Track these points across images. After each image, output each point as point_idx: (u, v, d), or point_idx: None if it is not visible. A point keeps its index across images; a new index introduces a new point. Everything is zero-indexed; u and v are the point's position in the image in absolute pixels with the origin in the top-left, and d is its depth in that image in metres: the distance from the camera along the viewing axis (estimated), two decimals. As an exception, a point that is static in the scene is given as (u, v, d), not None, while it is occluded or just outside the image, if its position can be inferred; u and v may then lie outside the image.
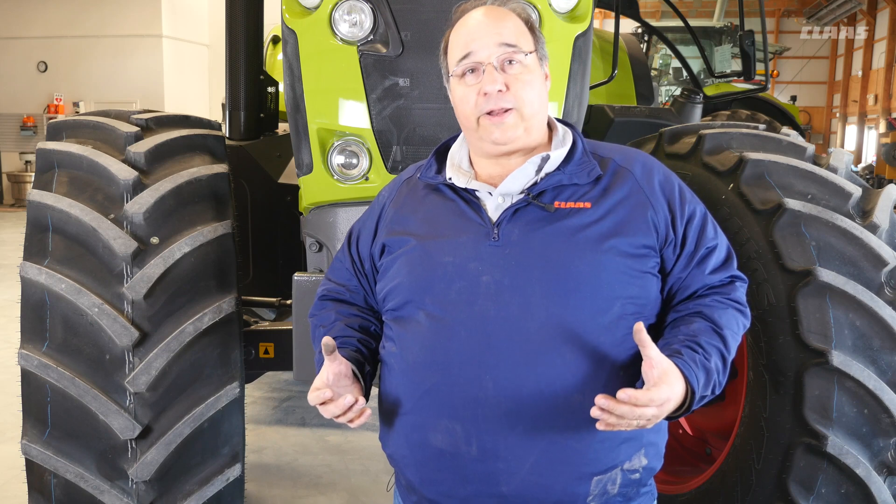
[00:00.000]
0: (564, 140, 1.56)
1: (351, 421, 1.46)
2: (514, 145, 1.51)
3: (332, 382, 1.45)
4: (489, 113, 1.48)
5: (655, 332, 1.52)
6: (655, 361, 1.34)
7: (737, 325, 1.51)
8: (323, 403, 1.43)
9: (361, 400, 1.46)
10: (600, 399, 1.30)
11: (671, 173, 1.58)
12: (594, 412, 1.32)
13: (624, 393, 1.29)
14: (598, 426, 1.34)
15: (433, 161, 1.62)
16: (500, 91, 1.46)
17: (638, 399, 1.30)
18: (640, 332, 1.33)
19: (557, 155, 1.53)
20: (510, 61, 1.48)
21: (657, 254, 1.49)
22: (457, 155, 1.61)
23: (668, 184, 1.54)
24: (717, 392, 1.46)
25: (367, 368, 1.59)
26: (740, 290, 1.56)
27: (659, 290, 1.52)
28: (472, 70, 1.49)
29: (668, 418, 1.41)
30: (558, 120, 1.62)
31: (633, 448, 1.47)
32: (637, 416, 1.31)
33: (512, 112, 1.47)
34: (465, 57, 1.49)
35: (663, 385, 1.33)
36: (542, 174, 1.50)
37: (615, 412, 1.30)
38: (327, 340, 1.45)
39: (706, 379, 1.41)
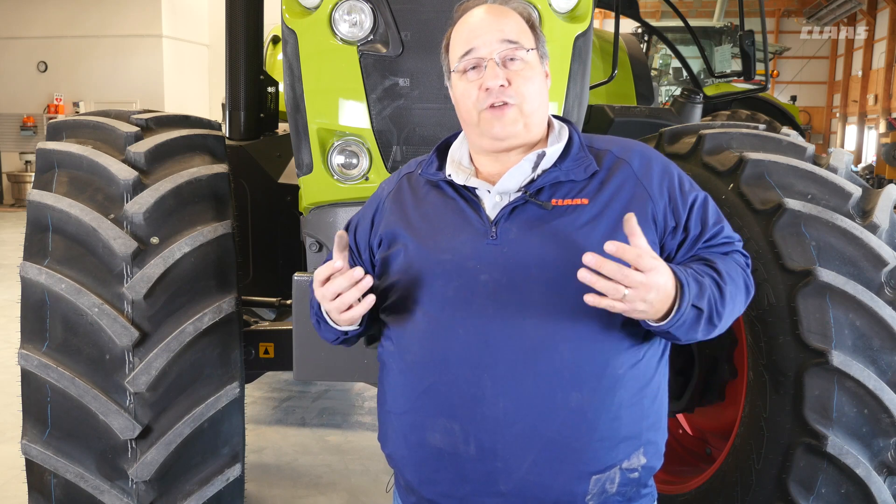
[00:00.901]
0: (560, 136, 1.56)
1: (350, 308, 1.44)
2: (513, 141, 1.51)
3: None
4: (490, 107, 1.48)
5: (655, 336, 1.52)
6: (644, 249, 1.30)
7: (734, 272, 1.47)
8: (327, 280, 1.42)
9: (368, 278, 1.43)
10: (588, 256, 1.26)
11: (670, 163, 1.57)
12: (581, 275, 1.28)
13: (612, 244, 1.26)
14: (587, 299, 1.30)
15: (434, 158, 1.63)
16: (501, 86, 1.46)
17: (626, 251, 1.26)
18: (630, 220, 1.31)
19: (553, 151, 1.52)
20: (512, 58, 1.48)
21: (657, 246, 1.49)
22: (457, 152, 1.61)
23: (667, 174, 1.53)
24: (717, 325, 1.41)
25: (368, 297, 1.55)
26: (740, 258, 1.54)
27: None
28: (474, 66, 1.50)
29: (658, 326, 1.35)
30: (555, 116, 1.62)
31: (631, 447, 1.47)
32: (625, 277, 1.26)
33: (513, 107, 1.48)
34: (467, 53, 1.50)
35: (651, 258, 1.29)
36: (539, 171, 1.50)
37: (603, 270, 1.26)
38: (341, 232, 1.44)
39: (698, 290, 1.37)
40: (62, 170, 2.49)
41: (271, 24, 3.95)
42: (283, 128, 3.98)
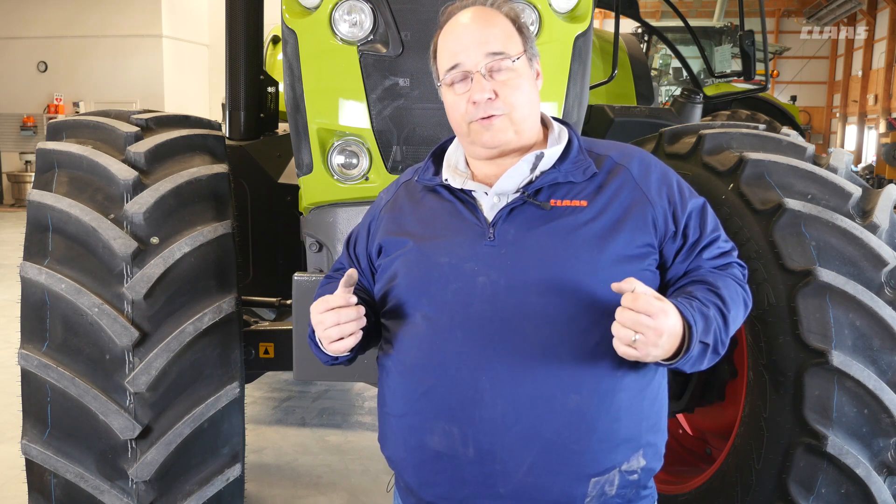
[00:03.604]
0: (560, 138, 1.56)
1: (342, 339, 1.45)
2: (505, 147, 1.51)
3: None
4: (479, 119, 1.48)
5: None
6: (648, 293, 1.31)
7: (736, 294, 1.48)
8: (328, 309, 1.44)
9: (362, 320, 1.46)
10: (614, 284, 1.31)
11: (669, 169, 1.57)
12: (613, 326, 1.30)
13: (617, 285, 1.30)
14: (616, 348, 1.32)
15: (430, 163, 1.63)
16: (489, 99, 1.46)
17: (636, 288, 1.28)
18: (629, 281, 1.32)
19: (552, 153, 1.52)
20: (498, 68, 1.48)
21: (656, 251, 1.49)
22: (453, 156, 1.61)
23: (666, 180, 1.53)
24: (721, 353, 1.43)
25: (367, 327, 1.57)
26: (737, 270, 1.55)
27: (657, 287, 1.51)
28: (462, 79, 1.49)
29: (665, 363, 1.37)
30: (555, 119, 1.62)
31: (631, 449, 1.47)
32: (635, 323, 1.28)
33: (501, 117, 1.47)
34: (453, 67, 1.49)
35: (657, 300, 1.30)
36: (537, 172, 1.50)
37: (622, 315, 1.29)
38: (352, 272, 1.45)
39: (704, 324, 1.37)
40: (62, 170, 2.49)
41: (271, 24, 3.95)
42: (283, 128, 3.98)
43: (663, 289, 1.53)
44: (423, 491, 1.53)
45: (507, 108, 1.47)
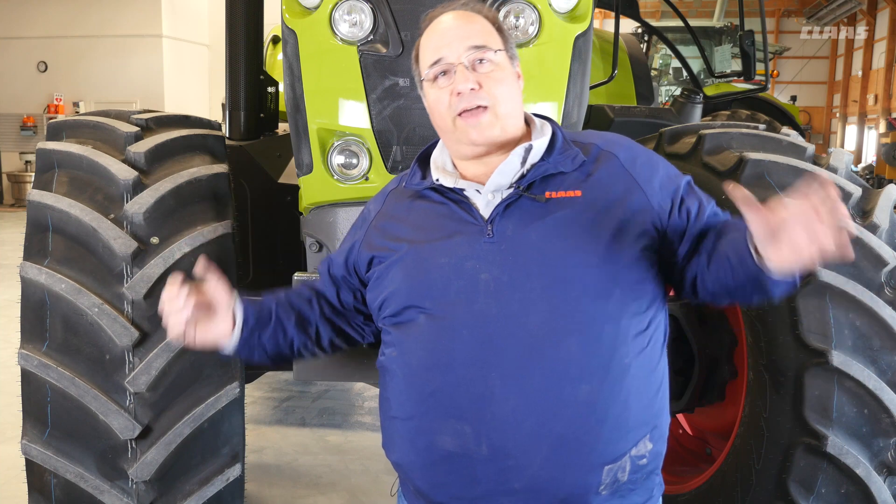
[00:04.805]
0: (543, 131, 1.58)
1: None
2: (492, 145, 1.52)
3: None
4: (464, 113, 1.49)
5: (658, 321, 1.52)
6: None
7: None
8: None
9: (187, 309, 1.56)
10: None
11: (652, 152, 1.60)
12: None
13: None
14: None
15: (416, 168, 1.63)
16: (472, 89, 1.48)
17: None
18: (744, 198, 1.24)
19: (540, 144, 1.53)
20: (480, 59, 1.50)
21: (655, 232, 1.49)
22: (440, 158, 1.62)
23: (651, 163, 1.56)
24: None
25: (250, 321, 1.67)
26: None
27: (656, 269, 1.51)
28: (444, 72, 1.51)
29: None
30: (535, 114, 1.63)
31: (639, 434, 1.48)
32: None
33: (487, 111, 1.48)
34: (436, 62, 1.51)
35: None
36: (528, 165, 1.51)
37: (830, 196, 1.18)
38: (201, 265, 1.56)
39: None
40: (62, 170, 2.49)
41: (271, 24, 3.94)
42: (283, 128, 3.98)
43: (672, 264, 1.53)
44: (434, 493, 1.52)
45: (492, 99, 1.48)
